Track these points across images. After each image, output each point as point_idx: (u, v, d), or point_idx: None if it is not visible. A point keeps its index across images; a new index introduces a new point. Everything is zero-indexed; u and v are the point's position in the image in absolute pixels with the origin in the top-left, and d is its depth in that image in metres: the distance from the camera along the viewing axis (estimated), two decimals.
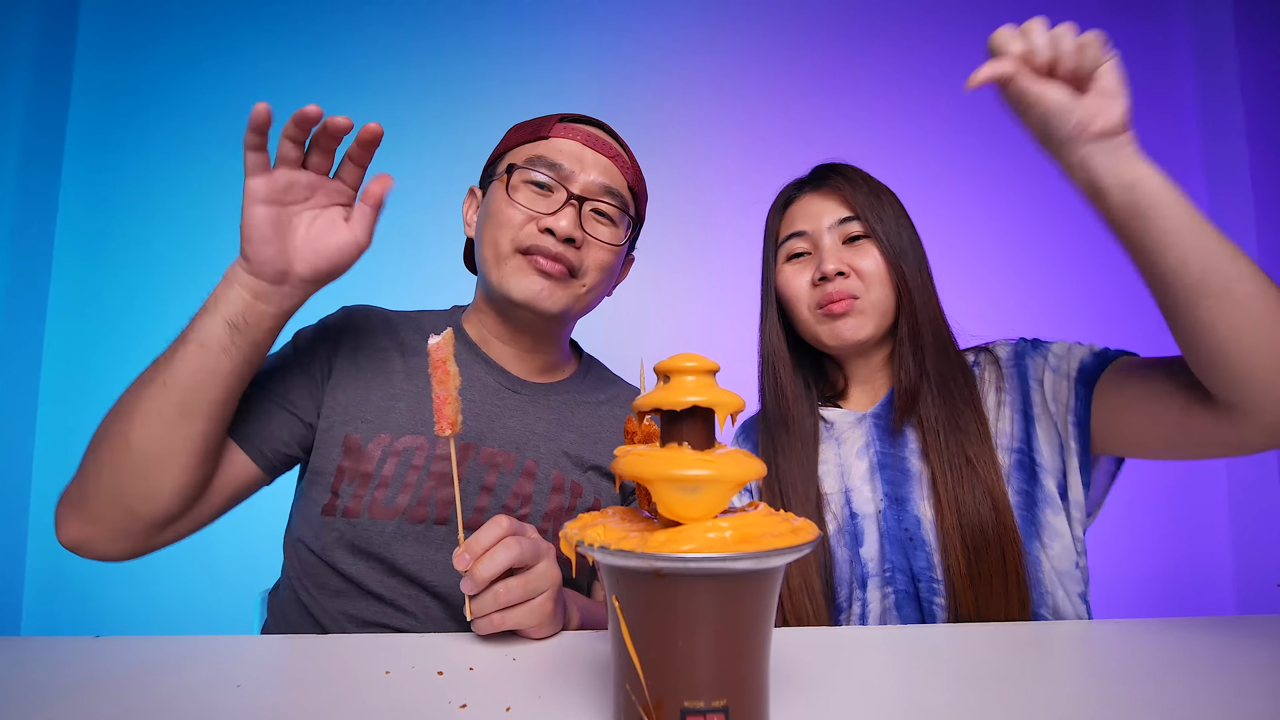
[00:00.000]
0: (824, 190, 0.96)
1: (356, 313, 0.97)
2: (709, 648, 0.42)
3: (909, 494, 0.89)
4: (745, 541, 0.41)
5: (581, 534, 0.44)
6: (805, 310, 0.94)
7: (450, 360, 0.65)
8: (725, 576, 0.41)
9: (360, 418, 0.87)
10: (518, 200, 0.89)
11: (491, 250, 0.90)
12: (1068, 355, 0.88)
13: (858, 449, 0.94)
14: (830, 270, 0.90)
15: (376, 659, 0.63)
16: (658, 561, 0.40)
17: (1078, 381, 0.85)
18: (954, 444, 0.87)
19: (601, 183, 0.91)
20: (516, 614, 0.66)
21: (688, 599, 0.41)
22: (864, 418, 0.96)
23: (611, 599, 0.45)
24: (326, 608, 0.84)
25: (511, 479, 0.90)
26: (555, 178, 0.90)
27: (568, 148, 0.91)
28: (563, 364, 1.03)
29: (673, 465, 0.43)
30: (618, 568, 0.43)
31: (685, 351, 0.46)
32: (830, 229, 0.93)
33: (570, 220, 0.88)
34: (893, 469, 0.91)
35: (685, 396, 0.44)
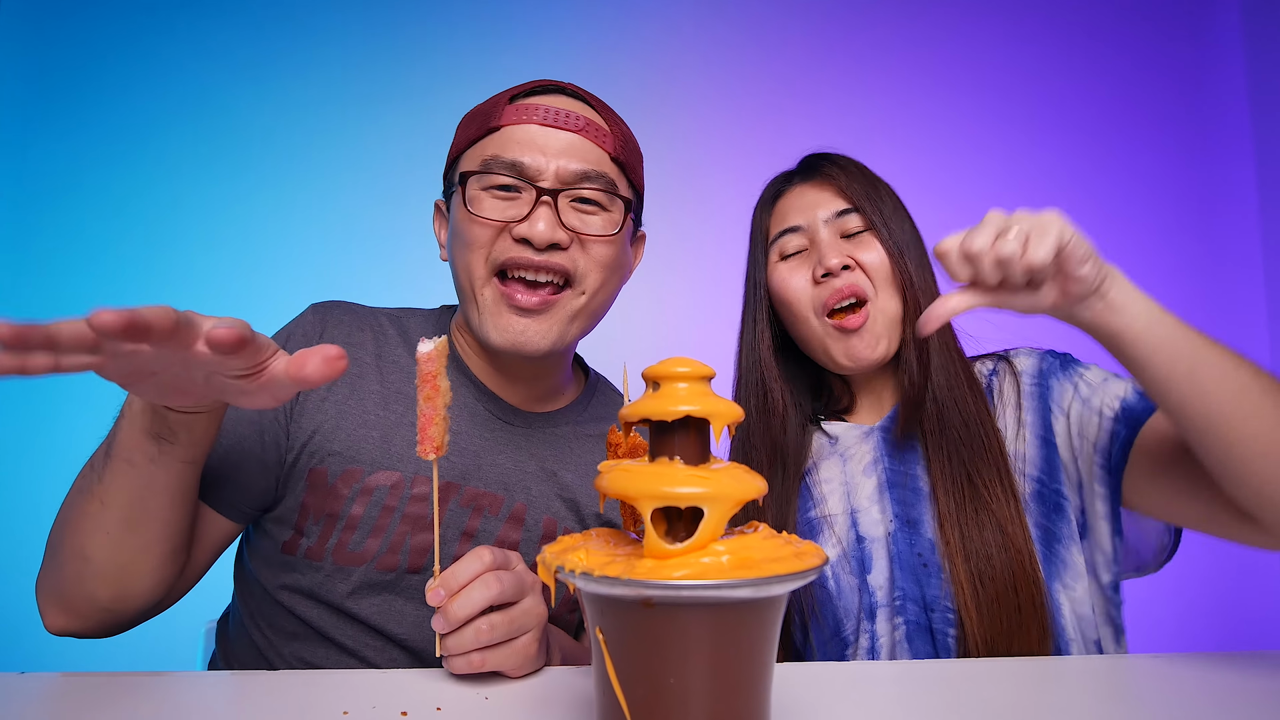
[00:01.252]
0: (817, 180, 0.88)
1: (330, 314, 0.84)
2: (703, 685, 0.39)
3: (921, 515, 0.81)
4: (744, 567, 0.38)
5: (561, 558, 0.40)
6: (811, 317, 0.85)
7: (442, 374, 0.58)
8: (721, 606, 0.38)
9: (327, 449, 0.76)
10: (481, 213, 0.76)
11: (465, 278, 0.78)
12: (1103, 388, 0.79)
13: (865, 465, 0.86)
14: (834, 265, 0.82)
15: (334, 698, 0.58)
16: (646, 589, 0.37)
17: (1117, 421, 0.76)
18: (958, 466, 0.79)
19: (575, 169, 0.77)
20: (498, 655, 0.60)
21: (680, 631, 0.38)
22: (871, 431, 0.87)
23: (595, 631, 0.41)
24: (281, 650, 0.77)
25: (496, 524, 0.80)
26: (517, 176, 0.76)
27: (524, 135, 0.77)
28: (564, 388, 0.91)
29: (662, 482, 0.39)
30: (602, 596, 0.39)
31: (677, 355, 0.42)
32: (827, 222, 0.85)
33: (548, 222, 0.74)
34: (903, 487, 0.83)
35: (677, 405, 0.40)
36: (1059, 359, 0.85)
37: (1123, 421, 0.75)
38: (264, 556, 0.78)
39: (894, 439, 0.85)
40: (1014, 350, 0.89)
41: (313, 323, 0.83)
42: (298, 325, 0.83)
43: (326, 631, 0.75)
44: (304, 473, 0.76)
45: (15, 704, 0.56)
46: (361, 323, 0.84)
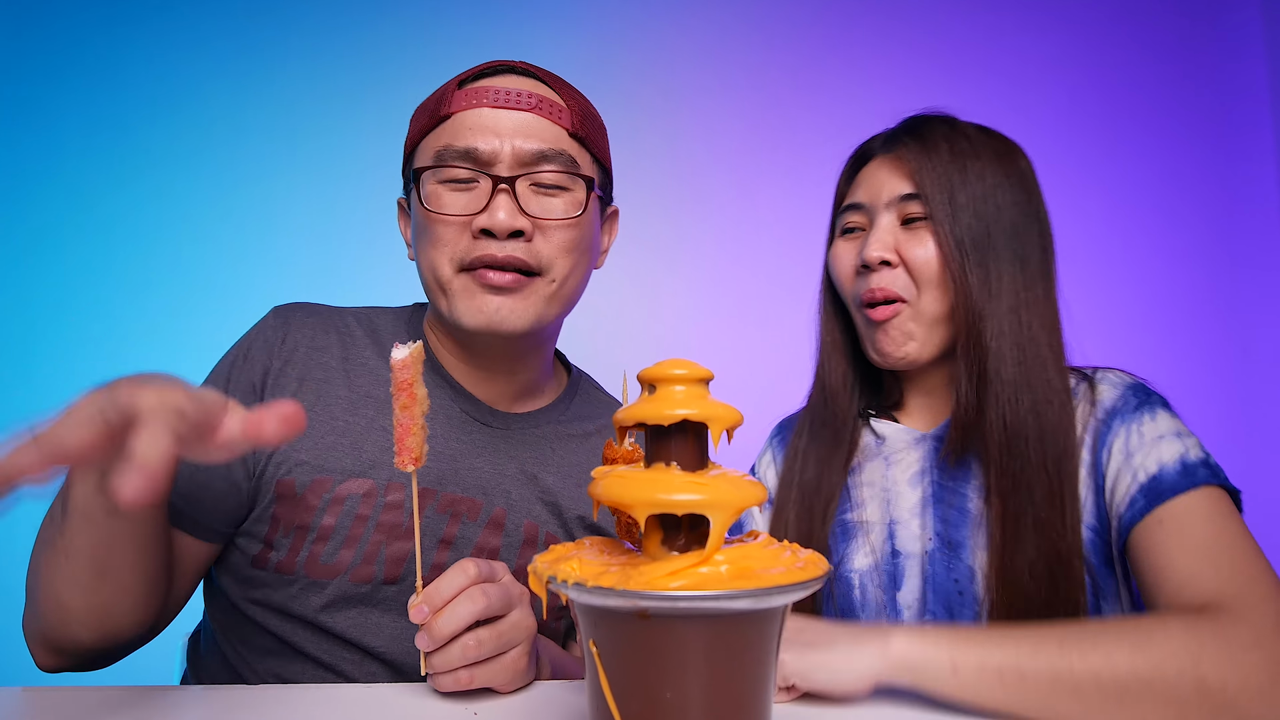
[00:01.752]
0: (894, 155, 0.79)
1: (293, 318, 0.81)
2: (701, 700, 0.38)
3: (965, 539, 0.74)
4: (743, 577, 0.36)
5: (554, 568, 0.39)
6: (852, 304, 0.81)
7: (418, 381, 0.55)
8: (720, 617, 0.37)
9: (294, 459, 0.74)
10: (439, 209, 0.74)
11: (431, 276, 0.76)
12: (1152, 446, 0.69)
13: (911, 475, 0.80)
14: (873, 258, 0.76)
15: (321, 713, 0.57)
16: (642, 600, 0.36)
17: (1140, 490, 0.67)
18: (1020, 505, 0.70)
19: (531, 149, 0.74)
20: (486, 671, 0.58)
21: (677, 643, 0.37)
22: (923, 438, 0.81)
23: (588, 643, 0.40)
24: (255, 667, 0.75)
25: (475, 530, 0.77)
26: (473, 167, 0.74)
27: (476, 120, 0.74)
28: (544, 385, 0.88)
29: (659, 489, 0.38)
30: (596, 608, 0.38)
31: (673, 358, 0.41)
32: (889, 205, 0.77)
33: (508, 210, 0.72)
34: (949, 505, 0.76)
35: (674, 409, 0.39)
36: (1138, 399, 0.73)
37: (1144, 492, 0.67)
38: (233, 571, 0.76)
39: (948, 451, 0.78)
40: (1102, 372, 0.78)
41: (274, 328, 0.80)
42: (259, 334, 0.80)
43: (301, 646, 0.73)
44: (271, 484, 0.73)
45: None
46: (326, 325, 0.81)
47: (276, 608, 0.73)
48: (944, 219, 0.74)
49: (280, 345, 0.78)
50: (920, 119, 0.81)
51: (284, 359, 0.77)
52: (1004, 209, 0.75)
